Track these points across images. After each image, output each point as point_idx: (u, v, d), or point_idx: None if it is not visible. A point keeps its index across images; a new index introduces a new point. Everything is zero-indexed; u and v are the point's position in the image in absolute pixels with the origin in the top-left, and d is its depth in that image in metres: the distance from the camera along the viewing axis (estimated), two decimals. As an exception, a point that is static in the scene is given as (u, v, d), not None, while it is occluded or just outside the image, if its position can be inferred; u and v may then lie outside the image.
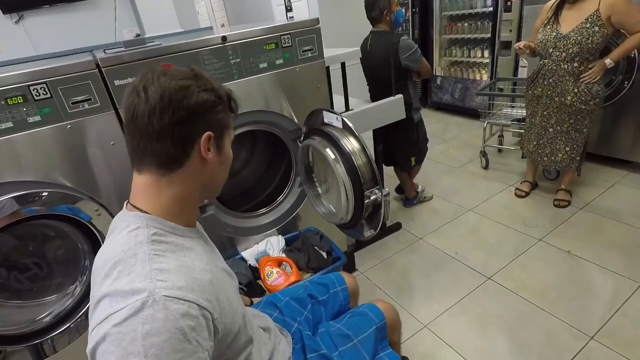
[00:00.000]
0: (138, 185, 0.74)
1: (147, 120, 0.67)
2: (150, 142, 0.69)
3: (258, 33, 1.59)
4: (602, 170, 3.02)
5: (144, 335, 0.55)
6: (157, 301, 0.58)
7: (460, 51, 4.56)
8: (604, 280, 2.00)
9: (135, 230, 0.69)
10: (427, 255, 2.40)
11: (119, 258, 0.65)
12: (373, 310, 1.19)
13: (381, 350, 1.13)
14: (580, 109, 2.33)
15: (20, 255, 1.46)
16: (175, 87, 0.68)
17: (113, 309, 0.58)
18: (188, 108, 0.69)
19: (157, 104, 0.67)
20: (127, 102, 0.69)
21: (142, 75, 0.70)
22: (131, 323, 0.56)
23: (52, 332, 1.44)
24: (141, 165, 0.72)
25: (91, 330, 0.59)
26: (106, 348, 0.56)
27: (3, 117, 1.20)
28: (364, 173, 1.40)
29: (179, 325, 0.58)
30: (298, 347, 1.11)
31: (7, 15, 3.86)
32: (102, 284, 0.63)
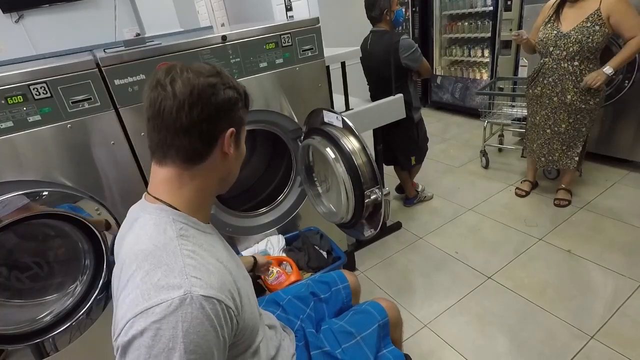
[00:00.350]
0: (159, 177, 0.75)
1: (175, 115, 0.68)
2: (177, 137, 0.70)
3: (258, 32, 1.59)
4: (602, 170, 3.01)
5: (184, 333, 0.57)
6: (194, 300, 0.59)
7: (460, 50, 4.56)
8: (605, 279, 2.00)
9: (162, 224, 0.70)
10: (427, 254, 2.40)
11: (150, 251, 0.66)
12: (376, 307, 1.20)
13: (384, 348, 1.14)
14: (580, 108, 2.33)
15: (21, 255, 1.46)
16: (204, 84, 0.70)
17: (149, 303, 0.59)
18: (216, 105, 0.71)
19: (186, 100, 0.68)
20: (152, 95, 0.70)
21: (167, 70, 0.71)
22: (171, 320, 0.57)
23: (52, 332, 1.44)
24: (164, 158, 0.73)
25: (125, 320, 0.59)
26: (144, 342, 0.57)
27: (3, 117, 1.20)
28: (364, 172, 1.41)
29: (214, 323, 0.61)
30: (301, 344, 1.11)
31: (7, 14, 3.86)
32: (132, 275, 0.64)
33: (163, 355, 0.57)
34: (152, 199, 0.75)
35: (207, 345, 0.60)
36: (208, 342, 0.60)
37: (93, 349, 1.56)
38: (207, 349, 0.60)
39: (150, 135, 0.73)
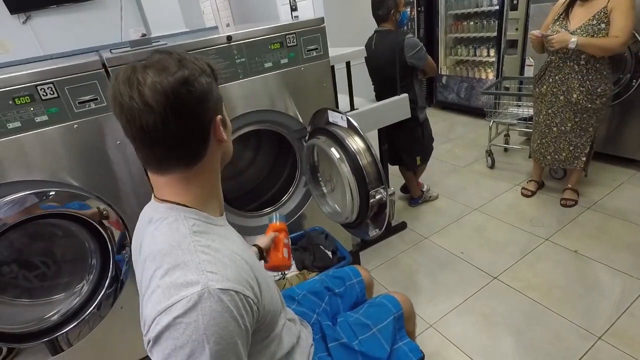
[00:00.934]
0: (161, 183, 0.74)
1: (162, 128, 0.65)
2: (173, 148, 0.69)
3: (263, 32, 1.59)
4: (609, 170, 2.99)
5: (206, 326, 0.60)
6: (212, 294, 0.61)
7: (465, 50, 4.54)
8: (612, 279, 1.99)
9: (175, 222, 0.71)
10: (432, 254, 2.39)
11: (166, 251, 0.67)
12: (390, 300, 1.21)
13: (399, 340, 1.14)
14: (586, 107, 2.31)
15: (29, 254, 1.48)
16: (175, 83, 0.64)
17: (170, 301, 0.61)
18: (196, 100, 0.68)
19: (167, 108, 0.64)
20: (126, 112, 0.64)
21: (125, 79, 0.65)
22: (192, 315, 0.60)
23: (60, 331, 1.45)
24: (164, 169, 0.72)
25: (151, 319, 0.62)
26: (170, 336, 0.60)
27: (11, 117, 1.21)
28: (369, 172, 1.40)
29: (233, 314, 0.63)
30: (318, 337, 1.12)
31: (15, 15, 3.89)
32: (153, 275, 0.66)
33: (188, 347, 0.59)
34: (159, 200, 0.76)
35: (230, 336, 0.62)
36: (230, 332, 0.62)
37: (102, 345, 1.57)
38: (229, 339, 0.62)
39: (143, 152, 0.70)
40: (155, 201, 0.77)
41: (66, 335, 1.46)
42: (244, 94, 1.61)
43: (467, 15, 4.41)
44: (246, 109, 1.63)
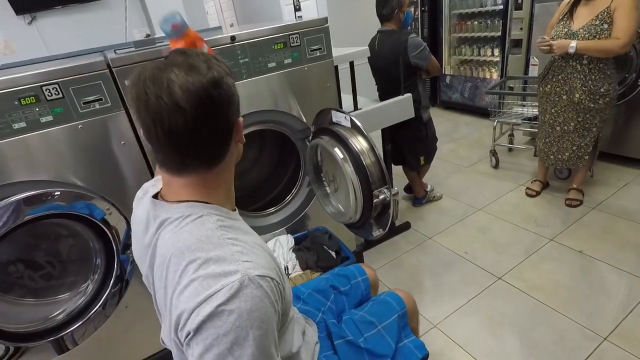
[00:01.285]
0: (177, 185, 0.73)
1: (192, 129, 0.64)
2: (200, 149, 0.68)
3: (267, 33, 1.59)
4: (614, 170, 2.97)
5: (248, 311, 0.60)
6: (252, 280, 0.62)
7: (470, 50, 4.52)
8: (618, 280, 1.97)
9: (199, 219, 0.70)
10: (436, 255, 2.38)
11: (195, 246, 0.67)
12: (394, 298, 1.21)
13: (405, 338, 1.15)
14: (589, 107, 2.30)
15: (34, 254, 1.48)
16: (206, 85, 0.64)
17: (210, 291, 0.61)
18: (225, 102, 0.68)
19: (199, 110, 0.63)
20: (153, 112, 0.63)
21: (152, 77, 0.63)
22: (235, 302, 0.60)
23: (65, 330, 1.46)
24: (184, 170, 0.71)
25: (189, 311, 0.62)
26: (212, 325, 0.60)
27: (16, 117, 1.22)
28: (373, 172, 1.40)
29: (271, 300, 0.64)
30: (323, 335, 1.13)
31: (20, 16, 3.91)
32: (185, 270, 0.65)
33: (232, 334, 0.59)
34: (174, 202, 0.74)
35: (269, 321, 0.63)
36: (269, 317, 0.63)
37: (107, 344, 1.58)
38: (269, 324, 0.63)
39: (165, 154, 0.69)
40: (164, 202, 0.75)
41: (71, 334, 1.47)
42: (247, 94, 1.61)
43: (471, 14, 4.40)
44: (249, 109, 1.64)
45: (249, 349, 0.60)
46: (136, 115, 0.66)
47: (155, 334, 1.75)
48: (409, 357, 1.10)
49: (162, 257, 0.71)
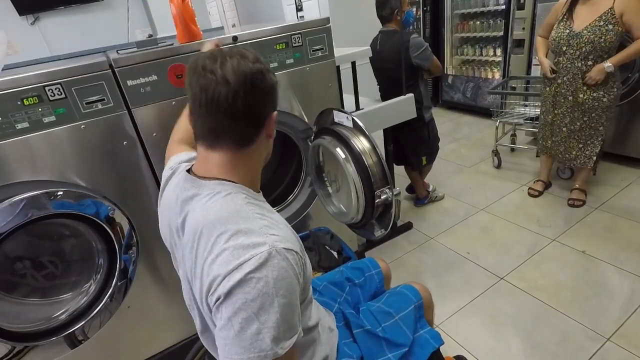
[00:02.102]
0: (212, 161, 0.79)
1: (231, 102, 0.72)
2: (233, 122, 0.75)
3: (269, 33, 1.59)
4: (618, 170, 2.96)
5: (275, 280, 0.66)
6: (279, 252, 0.68)
7: (472, 50, 4.52)
8: (621, 280, 1.97)
9: (229, 195, 0.77)
10: (438, 255, 2.38)
11: (226, 218, 0.73)
12: (410, 290, 1.23)
13: (420, 328, 1.16)
14: (594, 106, 2.30)
15: (37, 253, 1.49)
16: (253, 70, 0.74)
17: (241, 260, 0.67)
18: (265, 90, 0.77)
19: (241, 87, 0.72)
20: (202, 82, 0.72)
21: (211, 56, 0.74)
22: (263, 270, 0.66)
23: (68, 329, 1.46)
24: (217, 142, 0.77)
25: (222, 277, 0.67)
26: (242, 290, 0.65)
27: (19, 118, 1.22)
28: (375, 172, 1.40)
29: (295, 271, 0.71)
30: (341, 324, 1.15)
31: (23, 16, 3.93)
32: (216, 241, 0.71)
33: (259, 300, 0.65)
34: (204, 178, 0.80)
35: (293, 291, 0.69)
36: (293, 287, 0.69)
37: (109, 343, 1.58)
38: (292, 294, 0.69)
39: (203, 120, 0.76)
40: (196, 178, 0.81)
41: (74, 333, 1.47)
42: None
43: (473, 14, 4.39)
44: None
45: (273, 315, 0.66)
46: (188, 86, 0.76)
47: (157, 334, 1.76)
48: (425, 347, 1.12)
49: (193, 229, 0.76)
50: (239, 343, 0.65)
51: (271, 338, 0.65)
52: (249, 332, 0.65)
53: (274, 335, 0.66)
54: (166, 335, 1.76)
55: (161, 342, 1.75)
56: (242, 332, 0.65)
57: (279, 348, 0.66)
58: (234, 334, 0.66)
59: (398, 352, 1.08)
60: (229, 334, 0.66)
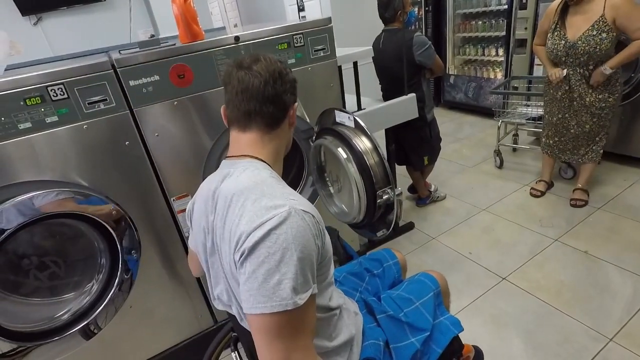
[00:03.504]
0: (243, 141, 0.92)
1: (263, 88, 0.87)
2: (264, 104, 0.89)
3: (270, 33, 1.59)
4: (620, 170, 2.95)
5: (294, 236, 0.74)
6: (297, 212, 0.77)
7: (474, 49, 4.51)
8: (623, 281, 1.96)
9: (257, 170, 0.88)
10: (440, 255, 2.38)
11: (252, 186, 0.83)
12: (429, 278, 1.26)
13: (440, 315, 1.19)
14: (601, 106, 2.32)
15: (39, 253, 1.49)
16: (278, 67, 0.91)
17: (264, 218, 0.75)
18: (289, 81, 0.93)
19: (270, 77, 0.88)
20: (239, 75, 0.88)
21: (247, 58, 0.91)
22: (283, 227, 0.74)
23: (70, 329, 1.47)
24: (249, 125, 0.91)
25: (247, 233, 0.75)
26: (265, 245, 0.73)
27: (22, 118, 1.23)
28: (376, 172, 1.40)
29: (312, 232, 0.79)
30: (364, 312, 1.18)
31: (26, 17, 3.94)
32: (244, 204, 0.80)
33: (279, 253, 0.73)
34: (240, 157, 0.91)
35: (309, 249, 0.77)
36: (310, 246, 0.77)
37: (111, 343, 1.59)
38: (309, 252, 0.77)
39: (238, 106, 0.90)
40: (231, 160, 0.93)
41: (77, 333, 1.48)
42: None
43: (475, 14, 4.38)
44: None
45: (292, 267, 0.73)
46: (227, 80, 0.91)
47: (159, 334, 1.76)
48: (446, 333, 1.14)
49: (225, 198, 0.85)
50: (262, 292, 0.73)
51: (291, 288, 0.72)
52: (271, 282, 0.72)
53: (293, 286, 0.73)
54: (168, 335, 1.76)
55: (163, 342, 1.76)
56: (265, 282, 0.73)
57: (297, 298, 0.73)
58: (258, 284, 0.73)
59: (421, 336, 1.11)
60: (253, 286, 0.74)
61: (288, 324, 0.74)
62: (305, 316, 0.77)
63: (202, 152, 1.58)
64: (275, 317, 0.73)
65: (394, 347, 1.10)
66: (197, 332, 1.84)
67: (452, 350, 1.14)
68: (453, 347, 1.14)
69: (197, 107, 1.52)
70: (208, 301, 1.82)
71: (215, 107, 1.54)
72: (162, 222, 1.59)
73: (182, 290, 1.73)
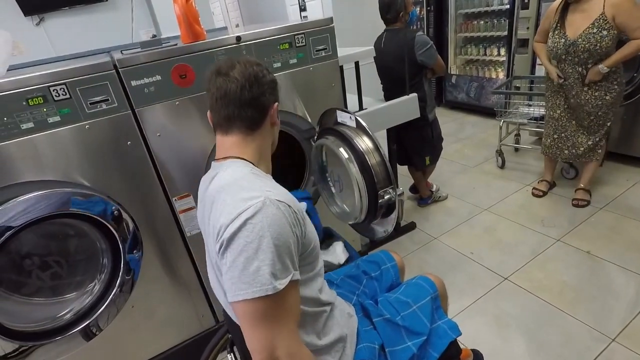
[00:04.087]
0: (226, 144, 0.96)
1: (239, 93, 0.91)
2: (242, 109, 0.93)
3: (272, 33, 1.59)
4: (623, 169, 2.95)
5: (269, 225, 0.78)
6: (272, 201, 0.80)
7: (476, 49, 4.50)
8: (626, 281, 1.95)
9: (238, 167, 0.92)
10: (442, 255, 2.37)
11: (232, 181, 0.87)
12: (426, 281, 1.26)
13: (438, 319, 1.18)
14: (598, 105, 2.31)
15: (41, 253, 1.49)
16: (255, 70, 0.94)
17: (240, 209, 0.79)
18: (266, 84, 0.96)
19: (246, 81, 0.92)
20: (218, 83, 0.92)
21: (221, 65, 0.95)
22: (258, 217, 0.78)
23: (72, 329, 1.47)
24: (230, 128, 0.95)
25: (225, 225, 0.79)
26: (242, 235, 0.77)
27: (24, 118, 1.23)
28: (378, 172, 1.40)
29: (288, 220, 0.81)
30: (361, 315, 1.18)
31: (29, 17, 3.95)
32: (224, 199, 0.84)
33: (256, 241, 0.76)
34: (224, 159, 0.95)
35: (286, 237, 0.79)
36: (286, 234, 0.80)
37: (113, 343, 1.59)
38: (285, 240, 0.79)
39: (219, 111, 0.94)
40: (217, 161, 0.97)
41: (78, 333, 1.48)
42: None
43: (477, 14, 4.38)
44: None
45: (270, 254, 0.76)
46: (207, 87, 0.95)
47: (161, 334, 1.76)
48: (443, 337, 1.13)
49: (210, 197, 0.90)
50: (243, 279, 0.76)
51: (269, 273, 0.76)
52: (250, 269, 0.76)
53: (271, 271, 0.76)
54: (170, 335, 1.77)
55: (165, 342, 1.76)
56: (245, 269, 0.76)
57: (277, 283, 0.77)
58: (239, 272, 0.77)
59: (417, 340, 1.10)
60: (234, 274, 0.77)
61: (270, 309, 0.78)
62: (286, 301, 0.80)
63: (203, 152, 1.58)
64: (257, 302, 0.76)
65: (390, 351, 1.09)
66: (198, 332, 1.84)
67: (450, 355, 1.13)
68: (450, 352, 1.13)
69: (199, 107, 1.52)
70: (209, 301, 1.82)
71: (216, 107, 1.54)
72: (164, 222, 1.59)
73: (183, 291, 1.73)
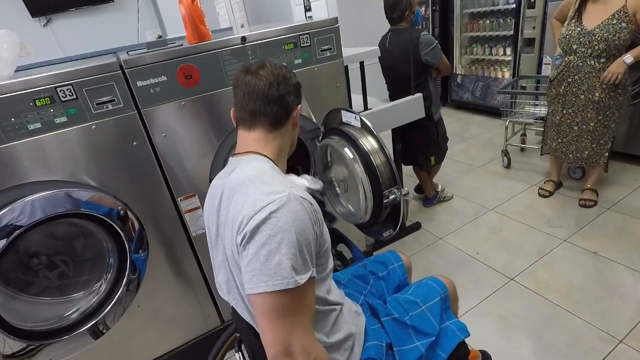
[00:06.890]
0: (248, 139, 0.99)
1: (267, 90, 0.95)
2: (268, 105, 0.96)
3: (277, 33, 1.60)
4: (630, 170, 2.92)
5: (292, 220, 0.79)
6: (296, 197, 0.82)
7: (481, 49, 4.49)
8: (633, 281, 1.94)
9: (260, 162, 0.94)
10: (447, 255, 2.37)
11: (255, 175, 0.89)
12: (436, 282, 1.25)
13: (447, 320, 1.18)
14: (609, 104, 2.27)
15: (48, 253, 1.50)
16: (283, 72, 0.99)
17: (264, 202, 0.80)
18: (292, 84, 1.00)
19: (274, 80, 0.96)
20: (246, 80, 0.96)
21: (254, 64, 0.99)
22: (282, 210, 0.79)
23: (79, 328, 1.48)
24: (254, 124, 0.98)
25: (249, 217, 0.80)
26: (266, 227, 0.79)
27: (32, 118, 1.24)
28: (383, 172, 1.39)
29: (310, 217, 0.84)
30: (368, 314, 1.18)
31: (36, 18, 3.99)
32: (247, 192, 0.86)
33: (280, 235, 0.78)
34: (245, 153, 0.97)
35: (307, 232, 0.82)
36: (307, 229, 0.82)
37: (119, 342, 1.60)
38: (307, 235, 0.82)
39: (245, 106, 0.97)
40: (237, 157, 0.99)
41: (85, 332, 1.49)
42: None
43: (483, 13, 4.36)
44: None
45: (292, 248, 0.78)
46: (235, 84, 0.98)
47: (167, 333, 1.77)
48: (452, 338, 1.13)
49: (230, 189, 0.91)
50: (265, 272, 0.77)
51: (290, 267, 0.77)
52: (272, 262, 0.77)
53: (292, 265, 0.78)
54: (175, 335, 1.77)
55: (170, 342, 1.77)
56: (267, 262, 0.77)
57: (298, 277, 0.78)
58: (260, 265, 0.78)
59: (426, 340, 1.10)
60: (256, 266, 0.78)
61: (289, 303, 0.79)
62: (304, 296, 0.82)
63: (209, 152, 1.58)
64: (277, 295, 0.77)
65: (398, 350, 1.09)
66: (204, 332, 1.84)
67: (458, 356, 1.13)
68: (459, 353, 1.12)
69: (204, 108, 1.52)
70: (215, 301, 1.83)
71: (222, 107, 1.55)
72: (170, 222, 1.60)
73: (189, 290, 1.74)
